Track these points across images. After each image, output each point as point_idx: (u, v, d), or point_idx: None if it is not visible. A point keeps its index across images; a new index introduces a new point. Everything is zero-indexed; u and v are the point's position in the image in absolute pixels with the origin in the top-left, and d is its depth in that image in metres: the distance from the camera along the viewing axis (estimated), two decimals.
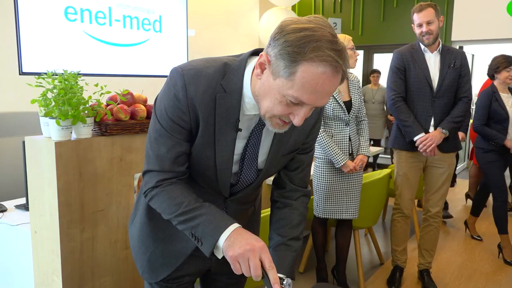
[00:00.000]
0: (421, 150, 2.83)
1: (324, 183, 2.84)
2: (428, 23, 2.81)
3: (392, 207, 3.23)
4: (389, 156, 7.15)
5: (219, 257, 1.06)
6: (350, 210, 2.88)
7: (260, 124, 1.14)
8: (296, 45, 0.92)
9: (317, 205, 2.90)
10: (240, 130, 1.12)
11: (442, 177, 3.00)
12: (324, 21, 0.96)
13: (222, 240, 1.03)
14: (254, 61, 1.09)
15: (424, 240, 3.14)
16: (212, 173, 1.16)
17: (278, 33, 0.97)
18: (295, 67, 0.93)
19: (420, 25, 2.84)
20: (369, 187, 3.07)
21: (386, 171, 3.34)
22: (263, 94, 1.02)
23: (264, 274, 1.00)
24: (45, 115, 1.85)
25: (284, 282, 1.18)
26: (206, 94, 1.07)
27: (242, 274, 1.42)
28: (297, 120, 1.01)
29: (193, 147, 1.12)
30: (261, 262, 1.00)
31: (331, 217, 2.89)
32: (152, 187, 1.13)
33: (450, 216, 4.63)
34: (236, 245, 0.99)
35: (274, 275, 0.98)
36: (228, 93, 1.08)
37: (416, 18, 2.85)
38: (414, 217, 4.24)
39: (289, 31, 0.94)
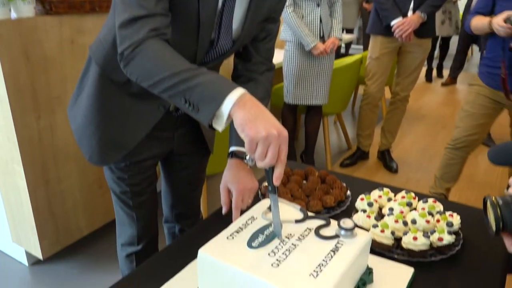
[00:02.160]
0: (397, 36, 2.75)
1: (294, 68, 2.76)
2: None
3: (361, 96, 3.23)
4: (361, 47, 7.02)
5: (219, 129, 0.87)
6: (320, 95, 2.85)
7: None
8: None
9: (287, 92, 2.85)
10: None
11: (416, 62, 2.97)
12: None
13: (228, 104, 0.83)
14: None
15: (388, 122, 3.22)
16: (193, 31, 1.04)
17: None
18: None
19: None
20: (339, 72, 3.01)
21: (357, 56, 3.26)
22: None
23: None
24: None
25: (247, 157, 1.15)
26: None
27: (205, 153, 1.42)
28: None
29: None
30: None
31: (301, 103, 2.86)
32: (139, 40, 0.90)
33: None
34: (260, 124, 0.81)
35: (281, 171, 0.86)
36: None
37: None
38: (382, 105, 4.30)
39: None
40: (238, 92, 0.84)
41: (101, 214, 2.29)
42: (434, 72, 6.16)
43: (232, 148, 1.17)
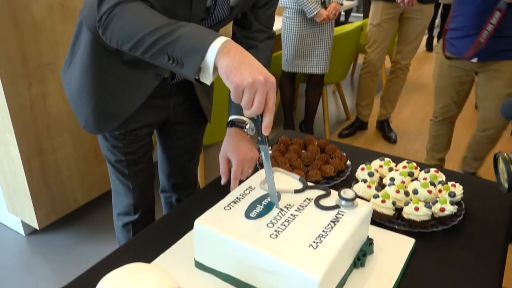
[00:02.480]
0: (398, 1, 2.65)
1: (294, 35, 2.68)
2: None
3: (361, 65, 3.17)
4: (361, 15, 6.87)
5: (208, 82, 0.83)
6: (321, 64, 2.78)
7: None
8: None
9: (286, 60, 2.78)
10: None
11: (417, 29, 2.89)
12: None
13: (211, 53, 0.79)
14: None
15: (387, 92, 3.17)
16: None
17: None
18: None
19: None
20: (339, 40, 2.93)
21: (357, 23, 3.17)
22: None
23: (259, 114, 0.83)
24: None
25: (247, 126, 1.12)
26: None
27: (202, 122, 1.38)
28: None
29: None
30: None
31: (301, 71, 2.80)
32: (116, 3, 0.86)
33: None
34: (245, 70, 0.77)
35: (270, 119, 0.81)
36: None
37: None
38: (382, 75, 4.23)
39: None
40: (221, 39, 0.80)
41: (97, 184, 2.26)
42: (435, 41, 6.05)
43: (232, 117, 1.13)
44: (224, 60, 0.78)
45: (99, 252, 2.02)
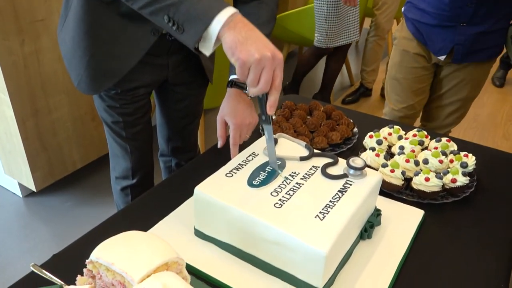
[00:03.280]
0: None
1: (331, 9, 2.53)
2: None
3: (367, 29, 3.05)
4: None
5: (207, 53, 0.79)
6: (353, 32, 2.68)
7: None
8: None
9: (323, 35, 2.62)
10: None
11: None
12: None
13: (216, 25, 0.74)
14: None
15: None
16: None
17: None
18: None
19: None
20: None
21: None
22: None
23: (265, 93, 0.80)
24: None
25: (248, 88, 1.05)
26: None
27: (202, 84, 1.31)
28: None
29: None
30: None
31: (337, 44, 2.69)
32: None
33: None
34: (251, 45, 0.74)
35: (276, 98, 0.78)
36: None
37: None
38: (389, 40, 4.10)
39: None
40: (228, 11, 0.75)
41: (95, 147, 2.22)
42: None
43: (232, 76, 1.06)
44: (229, 34, 0.74)
45: (97, 215, 1.99)
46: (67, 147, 2.07)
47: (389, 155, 1.09)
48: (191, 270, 0.77)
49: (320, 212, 0.74)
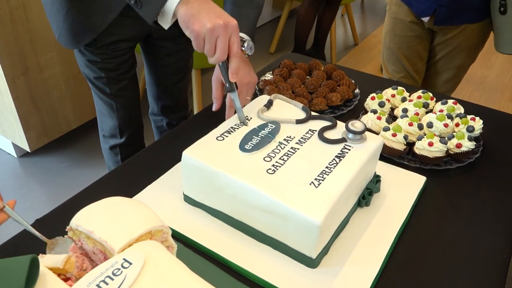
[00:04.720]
0: None
1: None
2: None
3: None
4: None
5: (165, 26, 0.83)
6: None
7: None
8: None
9: None
10: None
11: None
12: None
13: (174, 1, 0.78)
14: None
15: None
16: None
17: None
18: None
19: None
20: None
21: None
22: None
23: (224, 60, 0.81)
24: None
25: (245, 45, 0.99)
26: None
27: (188, 38, 1.24)
28: None
29: None
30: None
31: None
32: None
33: None
34: (204, 16, 0.76)
35: (236, 64, 0.80)
36: None
37: None
38: None
39: None
40: None
41: (89, 107, 2.15)
42: None
43: None
44: (183, 9, 0.78)
45: (92, 175, 1.96)
46: (60, 107, 2.01)
47: (392, 118, 1.04)
48: (179, 237, 0.74)
49: (316, 179, 0.69)
